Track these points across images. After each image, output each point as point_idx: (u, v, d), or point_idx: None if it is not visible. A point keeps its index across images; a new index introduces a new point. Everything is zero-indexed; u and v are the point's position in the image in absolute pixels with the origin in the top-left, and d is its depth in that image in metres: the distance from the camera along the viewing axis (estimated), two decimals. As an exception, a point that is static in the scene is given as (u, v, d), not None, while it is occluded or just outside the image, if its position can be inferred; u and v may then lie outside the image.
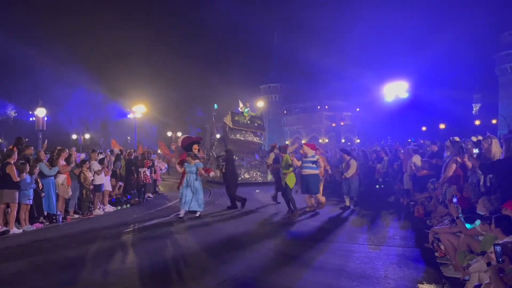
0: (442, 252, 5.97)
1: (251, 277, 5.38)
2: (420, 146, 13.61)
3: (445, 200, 7.79)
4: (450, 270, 5.34)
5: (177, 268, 5.86)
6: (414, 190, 10.77)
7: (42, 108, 20.22)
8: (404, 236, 7.79)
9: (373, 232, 8.17)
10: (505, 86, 56.28)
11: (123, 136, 56.08)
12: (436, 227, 6.47)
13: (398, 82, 28.00)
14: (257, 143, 21.60)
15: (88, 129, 58.50)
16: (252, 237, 7.86)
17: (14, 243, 7.52)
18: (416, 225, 8.58)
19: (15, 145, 9.79)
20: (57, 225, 9.38)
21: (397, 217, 9.81)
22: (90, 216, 10.66)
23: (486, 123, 50.82)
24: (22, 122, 49.81)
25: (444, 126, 49.98)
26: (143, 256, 6.48)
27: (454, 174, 7.83)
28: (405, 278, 5.24)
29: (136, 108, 38.48)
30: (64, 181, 10.05)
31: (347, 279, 5.26)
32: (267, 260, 6.19)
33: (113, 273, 5.62)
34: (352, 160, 11.33)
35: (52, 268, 5.89)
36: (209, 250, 6.84)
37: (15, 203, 8.48)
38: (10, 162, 8.50)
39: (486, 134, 7.29)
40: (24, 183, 8.60)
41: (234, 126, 20.71)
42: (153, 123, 58.53)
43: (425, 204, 9.59)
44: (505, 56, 55.70)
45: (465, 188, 6.69)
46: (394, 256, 6.29)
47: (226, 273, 5.51)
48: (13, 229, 8.39)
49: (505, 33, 55.42)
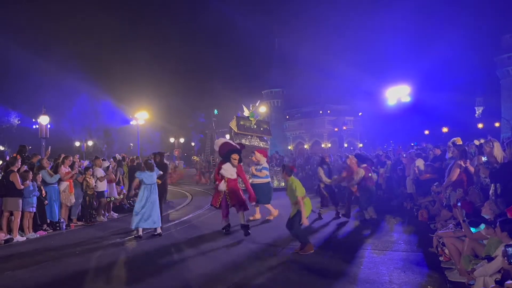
0: (447, 257, 5.94)
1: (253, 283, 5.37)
2: (423, 150, 13.59)
3: (449, 204, 7.77)
4: (455, 274, 5.31)
5: (183, 275, 5.85)
6: (417, 194, 10.75)
7: (45, 116, 20.26)
8: (408, 240, 7.76)
9: (376, 236, 8.14)
10: (507, 88, 56.19)
11: (125, 142, 56.26)
12: (440, 231, 6.44)
13: (400, 86, 28.03)
14: (263, 148, 21.09)
15: (91, 136, 58.67)
16: (253, 241, 7.85)
17: (18, 250, 7.53)
18: (420, 229, 8.55)
19: (19, 153, 9.84)
20: (61, 233, 9.39)
21: (401, 221, 9.77)
22: (94, 223, 10.67)
23: (489, 126, 50.66)
24: (26, 129, 49.98)
25: (447, 129, 49.83)
26: (147, 263, 6.47)
27: (457, 178, 7.81)
28: (409, 283, 5.22)
29: (138, 114, 38.58)
30: (66, 188, 10.07)
31: (351, 284, 5.24)
32: (268, 266, 6.17)
33: (116, 280, 5.62)
34: (359, 169, 9.80)
35: (56, 276, 5.89)
36: (206, 257, 6.83)
37: (19, 211, 8.49)
38: (13, 170, 8.53)
39: (487, 138, 7.28)
40: (27, 190, 8.62)
41: (239, 131, 19.91)
42: (155, 130, 58.66)
43: (429, 208, 9.56)
44: (506, 59, 55.66)
45: (470, 191, 6.67)
46: (398, 261, 6.27)
47: (228, 279, 5.51)
48: (16, 237, 8.40)
49: (506, 35, 55.42)
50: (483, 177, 6.87)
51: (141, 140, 43.71)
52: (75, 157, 11.29)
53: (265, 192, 10.21)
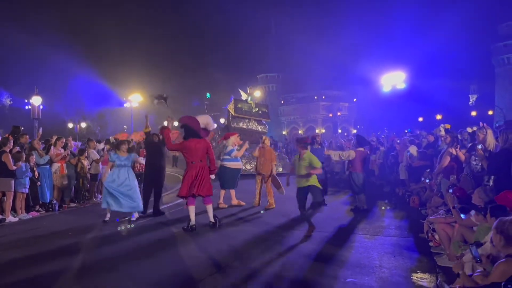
0: (437, 242, 6.02)
1: (248, 267, 5.41)
2: (417, 136, 13.65)
3: (440, 190, 7.85)
4: (444, 259, 5.39)
5: (177, 255, 5.89)
6: (409, 180, 10.83)
7: (37, 97, 20.05)
8: (399, 226, 7.85)
9: (368, 222, 8.21)
10: (502, 77, 56.39)
11: (119, 125, 55.98)
12: (431, 217, 6.52)
13: (396, 72, 27.94)
14: (261, 132, 19.85)
15: (85, 118, 58.31)
16: (248, 227, 7.90)
17: (10, 231, 7.53)
18: (411, 215, 8.64)
19: (12, 133, 9.76)
20: (53, 214, 9.39)
21: (393, 207, 9.86)
22: (86, 205, 10.67)
23: (482, 114, 50.88)
24: (18, 110, 49.57)
25: (441, 117, 49.96)
26: (142, 244, 6.50)
27: (448, 165, 7.87)
28: (399, 267, 5.29)
29: (132, 97, 38.34)
30: (58, 170, 10.03)
31: (342, 268, 5.30)
32: (262, 249, 6.22)
33: (110, 262, 5.64)
34: (352, 151, 9.74)
35: (48, 257, 5.90)
36: (203, 240, 6.87)
37: (11, 192, 8.48)
38: (5, 151, 8.48)
39: (480, 125, 7.31)
40: (19, 171, 8.58)
41: (237, 114, 19.40)
42: (149, 113, 58.30)
43: (420, 194, 9.64)
44: (502, 47, 55.72)
45: (462, 179, 6.73)
46: (389, 246, 6.34)
47: (223, 262, 5.55)
48: (9, 218, 8.40)
49: (503, 24, 55.38)
50: (474, 164, 6.92)
51: (135, 123, 43.51)
52: (69, 139, 11.21)
53: (231, 177, 9.88)
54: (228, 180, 9.84)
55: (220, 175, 9.86)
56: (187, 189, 7.32)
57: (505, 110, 49.16)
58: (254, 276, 5.00)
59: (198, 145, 7.41)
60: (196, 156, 7.39)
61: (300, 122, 70.33)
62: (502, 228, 3.31)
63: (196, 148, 7.39)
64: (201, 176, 7.38)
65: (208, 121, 7.75)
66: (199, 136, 7.48)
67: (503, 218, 3.41)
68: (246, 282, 4.79)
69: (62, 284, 4.76)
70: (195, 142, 7.42)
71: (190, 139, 7.45)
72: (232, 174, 9.90)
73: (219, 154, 10.73)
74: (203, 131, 7.60)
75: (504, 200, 4.67)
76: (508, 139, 5.85)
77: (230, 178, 9.85)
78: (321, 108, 69.05)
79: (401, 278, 4.91)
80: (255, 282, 4.80)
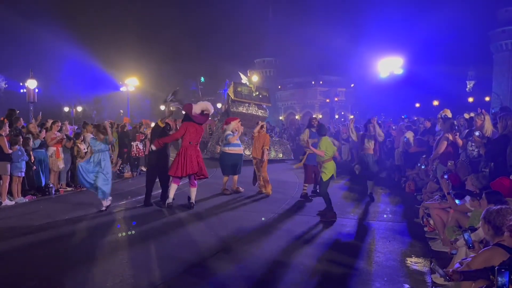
0: (431, 227, 6.08)
1: (242, 249, 5.46)
2: (413, 122, 13.67)
3: (436, 176, 7.89)
4: (438, 244, 5.45)
5: (178, 237, 5.92)
6: (405, 166, 10.88)
7: (33, 80, 19.86)
8: (394, 211, 7.91)
9: (364, 206, 8.27)
10: (500, 63, 56.26)
11: (115, 109, 55.74)
12: (426, 202, 6.56)
13: (393, 57, 27.78)
14: (262, 116, 19.10)
15: (81, 102, 57.94)
16: (243, 209, 7.94)
17: (6, 215, 7.53)
18: (407, 201, 8.71)
19: (7, 117, 9.67)
20: (50, 198, 9.39)
21: (388, 192, 9.92)
22: (83, 189, 10.65)
23: (479, 100, 50.86)
24: (13, 93, 49.05)
25: (438, 103, 49.91)
26: (138, 229, 6.52)
27: (445, 151, 7.89)
28: (394, 251, 5.35)
29: (128, 81, 38.06)
30: (53, 153, 10.00)
31: (337, 252, 5.35)
32: (256, 233, 6.26)
33: (107, 245, 5.66)
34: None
35: (44, 240, 5.92)
36: (202, 223, 6.91)
37: (7, 175, 8.46)
38: (1, 134, 8.43)
39: (478, 111, 7.31)
40: (15, 155, 8.54)
41: (237, 98, 18.80)
42: (145, 97, 58.05)
43: (416, 180, 9.70)
44: (501, 33, 55.42)
45: (459, 165, 6.76)
46: (384, 230, 6.40)
47: (219, 245, 5.59)
48: (5, 201, 8.39)
49: (501, 9, 55.00)
50: (470, 150, 6.94)
51: (131, 107, 43.29)
52: (64, 123, 11.14)
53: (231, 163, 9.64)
54: (228, 166, 9.66)
55: (221, 161, 9.81)
56: (183, 169, 7.76)
57: (502, 96, 49.19)
58: (250, 257, 5.05)
59: (199, 128, 8.11)
60: (195, 138, 8.00)
61: (297, 107, 70.21)
62: (489, 218, 3.31)
63: (196, 130, 8.03)
64: (200, 158, 8.08)
65: (207, 106, 8.19)
66: (197, 122, 8.08)
67: (490, 208, 3.42)
68: (246, 260, 4.85)
69: (58, 268, 4.78)
70: (196, 125, 8.06)
71: (190, 122, 8.03)
72: (232, 159, 9.67)
73: (218, 139, 10.63)
74: (201, 116, 8.14)
75: (499, 186, 4.71)
76: (508, 125, 5.85)
77: (231, 164, 9.65)
78: (318, 93, 68.88)
79: (395, 262, 4.97)
80: (253, 263, 4.84)
